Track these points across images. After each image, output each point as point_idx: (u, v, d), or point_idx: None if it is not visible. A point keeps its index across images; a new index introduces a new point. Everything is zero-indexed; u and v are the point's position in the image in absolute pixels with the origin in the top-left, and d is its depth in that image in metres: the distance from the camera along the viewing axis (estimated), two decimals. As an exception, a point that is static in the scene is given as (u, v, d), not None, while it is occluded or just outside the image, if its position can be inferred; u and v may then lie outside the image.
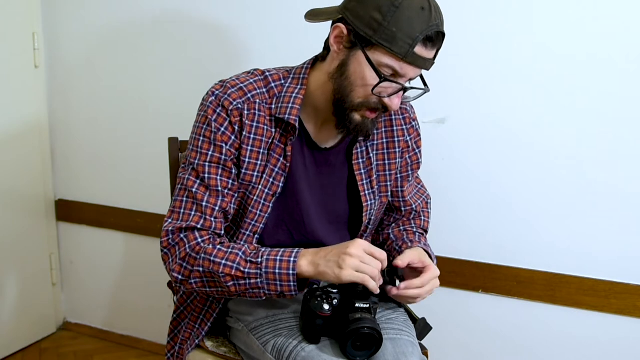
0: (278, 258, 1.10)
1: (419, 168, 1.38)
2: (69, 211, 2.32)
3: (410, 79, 1.12)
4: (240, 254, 1.12)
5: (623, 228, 1.59)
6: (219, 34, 1.93)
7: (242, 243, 1.21)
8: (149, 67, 2.07)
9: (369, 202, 1.28)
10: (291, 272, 1.08)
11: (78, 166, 2.28)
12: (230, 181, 1.19)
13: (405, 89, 1.12)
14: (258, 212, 1.22)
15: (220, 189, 1.18)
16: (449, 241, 1.76)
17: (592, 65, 1.55)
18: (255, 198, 1.21)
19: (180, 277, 1.17)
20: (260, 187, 1.21)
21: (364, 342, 1.08)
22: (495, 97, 1.65)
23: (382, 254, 1.09)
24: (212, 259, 1.13)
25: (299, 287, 1.10)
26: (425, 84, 1.17)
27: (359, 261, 1.05)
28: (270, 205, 1.22)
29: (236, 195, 1.21)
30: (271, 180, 1.21)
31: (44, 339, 2.34)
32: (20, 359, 2.20)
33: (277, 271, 1.09)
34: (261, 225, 1.23)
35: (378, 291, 1.09)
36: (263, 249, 1.13)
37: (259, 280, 1.10)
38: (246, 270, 1.11)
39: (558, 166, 1.62)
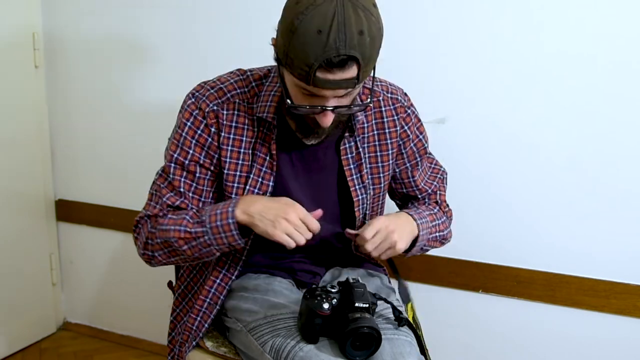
0: (218, 211, 1.14)
1: (426, 153, 1.38)
2: (69, 211, 2.32)
3: (339, 96, 1.07)
4: (187, 217, 1.18)
5: (623, 228, 1.59)
6: (220, 33, 1.93)
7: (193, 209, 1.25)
8: (149, 67, 2.07)
9: (360, 197, 1.28)
10: (230, 220, 1.13)
11: (78, 166, 2.28)
12: (194, 184, 1.23)
13: (323, 110, 1.07)
14: None
15: (182, 190, 1.23)
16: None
17: (592, 66, 1.54)
18: None
19: (148, 253, 1.24)
20: (248, 187, 1.22)
21: (363, 341, 1.08)
22: (495, 97, 1.65)
23: (315, 225, 1.12)
24: (164, 227, 1.19)
25: (242, 234, 1.15)
26: (366, 99, 1.18)
27: (293, 227, 1.10)
28: None
29: (203, 199, 1.24)
30: (260, 180, 1.22)
31: (44, 339, 2.34)
32: (20, 359, 2.20)
33: (218, 223, 1.14)
34: None
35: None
36: (206, 208, 1.17)
37: (206, 237, 1.15)
38: (193, 230, 1.16)
39: (558, 166, 1.62)
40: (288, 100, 1.10)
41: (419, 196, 1.38)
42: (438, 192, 1.40)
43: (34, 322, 2.30)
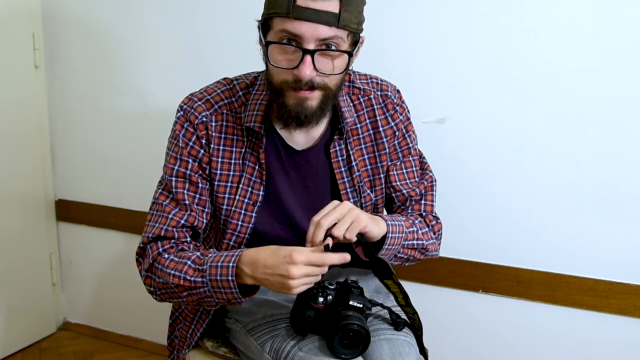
0: (219, 264, 1.08)
1: (410, 153, 1.31)
2: (69, 211, 2.32)
3: (323, 40, 1.04)
4: (190, 262, 1.12)
5: (623, 228, 1.59)
6: (220, 34, 1.93)
7: (197, 249, 1.19)
8: (149, 67, 2.07)
9: (350, 201, 1.24)
10: (230, 278, 1.06)
11: (78, 166, 2.28)
12: (197, 195, 1.20)
13: (307, 52, 1.04)
14: (239, 223, 1.21)
15: (187, 203, 1.19)
16: (449, 241, 1.75)
17: (592, 66, 1.54)
18: (233, 209, 1.21)
19: (150, 288, 1.19)
20: (238, 197, 1.20)
21: (351, 340, 1.07)
22: (495, 97, 1.65)
23: (327, 260, 1.02)
24: (165, 270, 1.13)
25: (244, 292, 1.09)
26: (351, 48, 1.10)
27: (304, 279, 1.02)
28: (253, 215, 1.21)
29: (206, 210, 1.21)
30: (249, 189, 1.21)
31: (44, 339, 2.34)
32: (20, 359, 2.20)
33: (218, 278, 1.07)
34: (246, 236, 1.22)
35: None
36: (209, 255, 1.11)
37: (206, 288, 1.09)
38: (192, 279, 1.10)
39: (558, 166, 1.62)
40: (269, 63, 1.09)
41: (393, 195, 1.30)
42: (423, 201, 1.31)
43: (34, 322, 2.30)
